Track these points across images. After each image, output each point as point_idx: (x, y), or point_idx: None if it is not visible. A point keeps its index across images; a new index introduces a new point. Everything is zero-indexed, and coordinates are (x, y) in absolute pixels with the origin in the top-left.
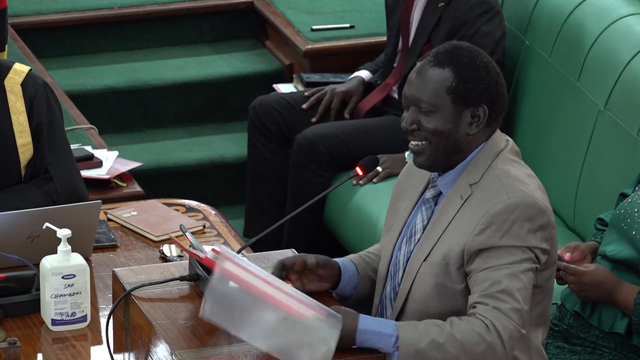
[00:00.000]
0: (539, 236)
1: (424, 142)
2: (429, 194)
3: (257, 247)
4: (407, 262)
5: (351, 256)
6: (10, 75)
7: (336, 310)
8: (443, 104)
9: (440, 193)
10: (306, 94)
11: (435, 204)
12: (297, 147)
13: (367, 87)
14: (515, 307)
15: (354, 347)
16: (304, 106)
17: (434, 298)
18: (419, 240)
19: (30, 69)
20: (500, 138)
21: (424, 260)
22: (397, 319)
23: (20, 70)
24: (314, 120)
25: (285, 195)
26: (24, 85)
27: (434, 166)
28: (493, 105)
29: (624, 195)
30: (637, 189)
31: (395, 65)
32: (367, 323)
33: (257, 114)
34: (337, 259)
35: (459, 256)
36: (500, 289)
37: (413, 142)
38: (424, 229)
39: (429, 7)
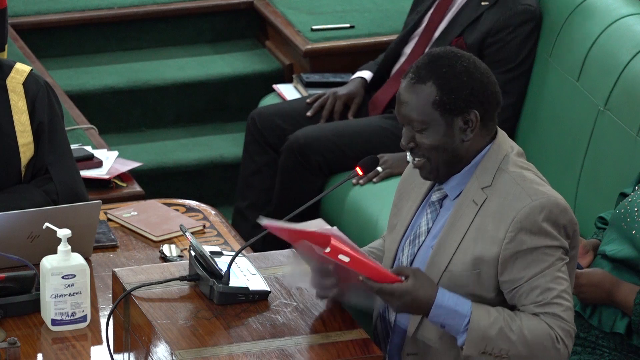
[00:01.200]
0: (564, 233)
1: (423, 158)
2: (434, 196)
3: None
4: (411, 264)
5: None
6: (12, 74)
7: (416, 275)
8: (432, 119)
9: (446, 196)
10: (308, 100)
11: (441, 207)
12: (288, 149)
13: (369, 87)
14: (568, 307)
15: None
16: (309, 113)
17: None
18: (423, 242)
19: (32, 69)
20: (504, 141)
21: (445, 270)
22: (418, 325)
23: (22, 69)
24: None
25: (270, 206)
26: (25, 84)
27: (438, 178)
28: (483, 106)
29: (623, 195)
30: (637, 188)
31: (410, 50)
32: (444, 299)
33: (257, 125)
34: None
35: (492, 265)
36: (554, 295)
37: (416, 159)
38: (428, 231)
39: (471, 2)
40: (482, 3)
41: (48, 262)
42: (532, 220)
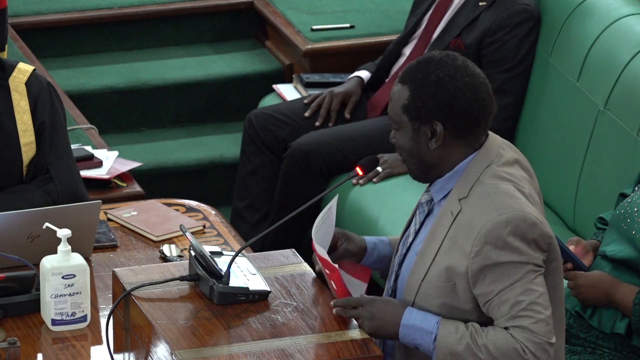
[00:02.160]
0: (535, 247)
1: (402, 157)
2: (423, 198)
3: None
4: (400, 265)
5: (396, 237)
6: (14, 74)
7: (384, 301)
8: (402, 121)
9: (432, 199)
10: (305, 101)
11: (430, 211)
12: (291, 156)
13: (367, 87)
14: (539, 319)
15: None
16: (307, 114)
17: (444, 316)
18: (411, 244)
19: (35, 69)
20: (490, 151)
21: (423, 280)
22: None
23: (24, 69)
24: (317, 124)
25: (268, 206)
26: (28, 84)
27: (417, 178)
28: (450, 120)
29: (623, 196)
30: (637, 189)
31: (409, 51)
32: (411, 317)
33: (253, 125)
34: (374, 238)
35: (464, 278)
36: (523, 307)
37: (400, 157)
38: (416, 233)
39: (469, 3)
40: (480, 3)
41: (48, 262)
42: (497, 235)
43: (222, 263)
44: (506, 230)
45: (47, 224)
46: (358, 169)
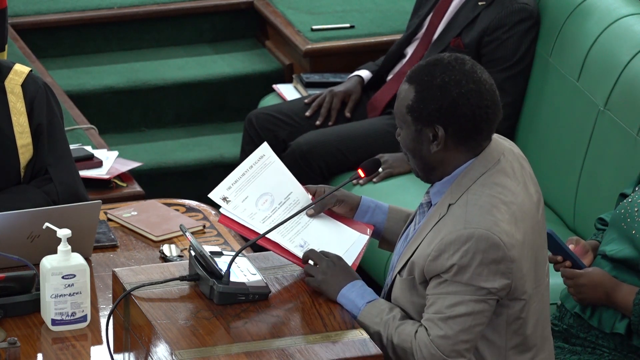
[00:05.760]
0: (492, 271)
1: (406, 156)
2: (424, 199)
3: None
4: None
5: (401, 209)
6: (10, 76)
7: (338, 269)
8: (405, 121)
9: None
10: (306, 101)
11: (429, 210)
12: (291, 156)
13: (368, 87)
14: (445, 335)
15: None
16: (307, 113)
17: (415, 314)
18: (408, 242)
19: (31, 70)
20: (491, 156)
21: (398, 274)
22: None
23: (20, 71)
24: (318, 123)
25: None
26: (24, 86)
27: (420, 178)
28: (452, 125)
29: (623, 196)
30: (637, 189)
31: (411, 52)
32: (351, 290)
33: (253, 125)
34: (372, 203)
35: (420, 276)
36: (440, 317)
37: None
38: (415, 232)
39: (469, 3)
40: (479, 3)
41: (48, 262)
42: (455, 249)
43: (222, 263)
44: (465, 246)
45: (47, 224)
46: (360, 171)
